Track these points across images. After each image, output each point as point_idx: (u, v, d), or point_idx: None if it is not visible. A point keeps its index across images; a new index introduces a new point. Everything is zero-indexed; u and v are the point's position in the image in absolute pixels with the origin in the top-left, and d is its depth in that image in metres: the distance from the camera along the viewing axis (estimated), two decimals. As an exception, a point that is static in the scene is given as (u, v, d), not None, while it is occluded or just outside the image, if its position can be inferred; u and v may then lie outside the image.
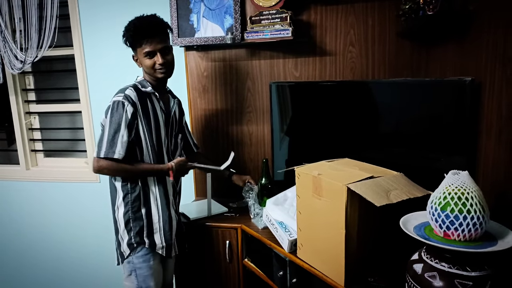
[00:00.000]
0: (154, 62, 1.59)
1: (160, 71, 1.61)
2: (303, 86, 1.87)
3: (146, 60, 1.59)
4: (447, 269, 0.96)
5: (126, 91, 1.57)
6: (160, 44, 1.59)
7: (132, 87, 1.60)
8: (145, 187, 1.63)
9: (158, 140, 1.65)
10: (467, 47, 1.52)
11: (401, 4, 1.61)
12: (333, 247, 1.26)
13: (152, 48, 1.57)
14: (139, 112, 1.57)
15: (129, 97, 1.55)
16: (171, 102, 1.77)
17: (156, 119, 1.63)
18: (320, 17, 1.87)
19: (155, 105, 1.64)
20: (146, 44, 1.57)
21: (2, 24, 2.26)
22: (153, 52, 1.58)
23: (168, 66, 1.62)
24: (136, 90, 1.59)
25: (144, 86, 1.63)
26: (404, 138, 1.54)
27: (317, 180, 1.29)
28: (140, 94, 1.60)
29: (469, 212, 0.94)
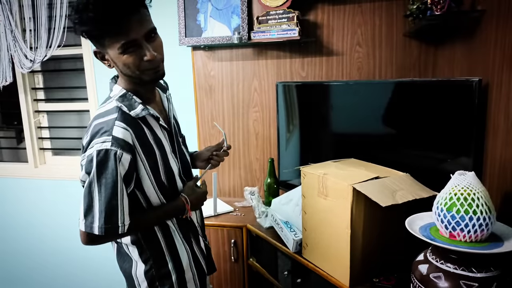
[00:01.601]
0: (140, 59, 1.02)
1: (151, 70, 1.06)
2: (310, 86, 1.87)
3: (125, 58, 1.01)
4: (452, 270, 0.96)
5: (114, 130, 1.02)
6: (144, 27, 1.01)
7: (118, 118, 1.05)
8: (165, 231, 1.19)
9: (168, 171, 1.17)
10: (475, 47, 1.51)
11: (408, 4, 1.60)
12: (338, 247, 1.26)
13: (132, 35, 0.99)
14: (138, 153, 1.06)
15: (120, 140, 1.01)
16: (164, 102, 1.25)
17: (160, 147, 1.14)
18: (327, 17, 1.87)
19: (155, 129, 1.14)
20: (120, 32, 0.98)
21: (12, 24, 2.29)
22: (134, 43, 1.00)
23: (160, 58, 1.08)
24: (125, 121, 1.05)
25: (132, 107, 1.08)
26: (410, 138, 1.53)
27: (322, 180, 1.29)
28: (133, 124, 1.07)
29: (475, 213, 0.94)
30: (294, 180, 1.93)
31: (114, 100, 1.09)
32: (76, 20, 0.98)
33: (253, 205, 1.91)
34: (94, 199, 1.02)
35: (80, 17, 0.97)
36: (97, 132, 1.03)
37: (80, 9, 0.96)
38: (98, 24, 0.97)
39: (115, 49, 1.00)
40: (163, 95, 1.26)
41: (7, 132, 3.23)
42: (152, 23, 1.06)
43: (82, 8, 0.96)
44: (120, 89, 1.11)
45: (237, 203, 2.08)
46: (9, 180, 2.72)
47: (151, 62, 1.03)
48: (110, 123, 1.04)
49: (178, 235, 1.21)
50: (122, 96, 1.10)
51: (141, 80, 1.07)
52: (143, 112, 1.09)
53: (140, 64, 1.03)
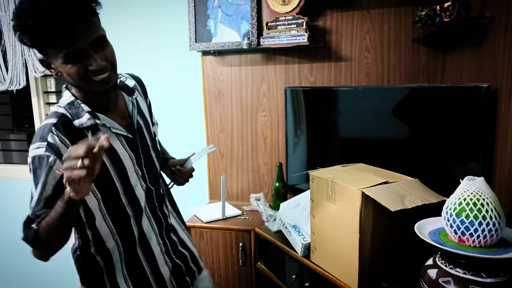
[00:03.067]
0: (85, 69, 0.95)
1: (99, 81, 0.97)
2: (318, 91, 1.89)
3: (70, 68, 0.94)
4: (462, 275, 0.96)
5: (49, 136, 0.97)
6: (91, 35, 0.93)
7: (57, 125, 0.98)
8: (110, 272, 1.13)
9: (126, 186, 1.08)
10: (484, 53, 1.52)
11: (417, 11, 1.61)
12: (347, 251, 1.27)
13: (77, 45, 0.91)
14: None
15: (54, 146, 0.96)
16: (128, 105, 1.15)
17: (116, 161, 1.05)
18: (336, 23, 1.89)
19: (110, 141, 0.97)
20: (64, 41, 0.90)
21: (26, 29, 2.34)
22: (79, 52, 0.92)
23: (110, 68, 0.99)
24: (65, 130, 0.99)
25: (78, 116, 1.01)
26: (419, 144, 1.54)
27: (331, 185, 1.30)
28: (74, 135, 0.98)
29: (485, 218, 0.94)
30: (301, 185, 1.94)
31: (60, 107, 1.04)
32: (15, 27, 0.90)
33: (260, 210, 1.93)
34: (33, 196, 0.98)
35: (20, 24, 0.89)
36: (35, 135, 1.00)
37: (20, 15, 0.88)
38: (39, 33, 0.89)
39: (58, 59, 0.93)
40: (128, 98, 1.16)
41: (18, 135, 3.29)
42: (101, 30, 0.98)
43: (23, 14, 0.87)
44: (69, 96, 1.05)
45: (245, 206, 2.10)
46: (19, 182, 2.76)
47: (97, 72, 0.96)
48: (47, 127, 0.98)
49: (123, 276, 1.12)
50: (69, 104, 1.03)
51: (89, 88, 1.00)
52: (88, 122, 1.01)
53: (85, 74, 0.95)
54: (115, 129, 1.07)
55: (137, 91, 1.22)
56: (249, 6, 1.98)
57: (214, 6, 2.05)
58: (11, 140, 3.20)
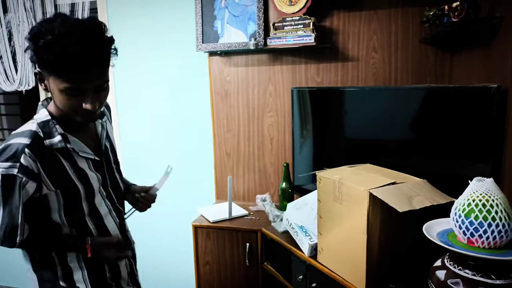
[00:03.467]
0: (78, 105, 0.99)
1: (85, 118, 1.03)
2: (325, 91, 1.89)
3: (64, 98, 0.98)
4: (470, 276, 0.96)
5: (22, 157, 0.98)
6: (98, 81, 0.99)
7: (30, 146, 0.99)
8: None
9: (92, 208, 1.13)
10: (493, 54, 1.51)
11: (425, 11, 1.61)
12: (354, 252, 1.27)
13: (82, 85, 0.96)
14: (46, 184, 1.03)
15: (26, 168, 0.98)
16: (98, 129, 1.20)
17: (84, 181, 1.10)
18: (343, 23, 1.89)
19: (78, 162, 1.09)
20: (71, 78, 0.94)
21: (35, 30, 2.36)
22: (81, 91, 0.97)
23: (100, 108, 1.05)
24: (36, 150, 1.00)
25: (50, 135, 1.04)
26: (427, 144, 1.53)
27: (338, 185, 1.30)
28: (45, 155, 1.02)
29: (494, 220, 0.94)
30: (308, 185, 1.94)
31: (34, 123, 1.05)
32: (31, 46, 0.92)
33: (266, 211, 1.93)
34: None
35: (38, 57, 0.92)
36: (5, 152, 0.99)
37: (40, 48, 0.90)
38: (53, 68, 0.92)
39: (57, 86, 0.96)
40: (98, 121, 1.20)
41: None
42: (107, 75, 1.02)
43: (43, 47, 0.89)
44: (46, 114, 1.06)
45: (252, 207, 2.10)
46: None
47: (89, 112, 1.01)
48: (20, 147, 0.99)
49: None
50: (44, 122, 1.05)
51: (71, 118, 1.04)
52: (59, 144, 1.04)
53: (77, 108, 1.00)
54: (83, 152, 1.11)
55: (106, 115, 1.27)
56: (256, 6, 1.99)
57: (221, 7, 2.06)
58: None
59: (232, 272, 1.93)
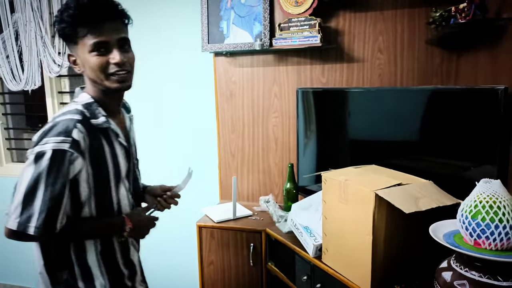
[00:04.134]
0: (107, 62, 1.04)
1: (117, 77, 1.06)
2: (330, 92, 1.89)
3: (94, 58, 1.03)
4: (477, 278, 0.95)
5: (74, 132, 1.00)
6: (118, 33, 1.05)
7: (79, 121, 1.03)
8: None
9: (117, 190, 1.16)
10: (499, 55, 1.50)
11: (431, 12, 1.61)
12: (360, 253, 1.26)
13: (104, 37, 1.02)
14: (86, 163, 1.04)
15: (78, 144, 1.00)
16: (127, 121, 1.25)
17: (115, 164, 1.13)
18: (349, 24, 1.89)
19: (114, 144, 1.13)
20: (94, 31, 1.02)
21: (42, 30, 2.38)
22: (105, 45, 1.03)
23: (129, 69, 1.09)
24: (85, 127, 1.03)
25: (95, 116, 1.08)
26: (433, 146, 1.53)
27: (344, 186, 1.30)
28: (92, 134, 1.05)
29: (501, 221, 0.93)
30: (312, 186, 1.93)
31: (78, 104, 1.09)
32: (56, 18, 1.05)
33: (270, 212, 1.93)
34: (37, 197, 0.97)
35: (60, 15, 1.04)
36: (56, 128, 1.00)
37: (61, 10, 1.04)
38: (74, 22, 1.02)
39: (86, 49, 1.04)
40: (126, 115, 1.27)
41: (31, 134, 3.34)
42: (127, 34, 1.11)
43: (63, 8, 1.03)
44: (88, 97, 1.11)
45: (256, 207, 2.10)
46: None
47: (118, 66, 1.05)
48: (71, 123, 1.01)
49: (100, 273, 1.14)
50: (87, 104, 1.09)
51: (105, 87, 1.08)
52: (104, 124, 1.09)
53: (106, 67, 1.05)
54: (121, 138, 1.16)
55: (131, 113, 1.33)
56: (262, 7, 1.99)
57: (227, 7, 2.06)
58: (24, 139, 3.25)
59: (236, 272, 1.94)
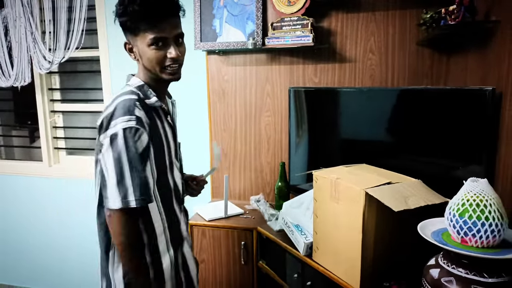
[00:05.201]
0: (164, 56, 1.13)
1: (170, 70, 1.16)
2: (322, 92, 1.90)
3: (152, 52, 1.12)
4: (464, 275, 0.97)
5: (136, 110, 1.09)
6: (176, 29, 1.14)
7: (137, 100, 1.12)
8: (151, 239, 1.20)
9: (170, 165, 1.24)
10: (488, 57, 1.53)
11: (422, 14, 1.63)
12: (350, 251, 1.28)
13: (164, 34, 1.11)
14: (149, 135, 1.13)
15: (141, 119, 1.09)
16: (169, 105, 1.34)
17: (167, 141, 1.23)
18: (341, 24, 1.90)
19: (164, 123, 1.23)
20: (156, 27, 1.10)
21: (33, 26, 2.35)
22: (164, 40, 1.12)
23: (181, 63, 1.19)
24: (141, 106, 1.12)
25: (147, 97, 1.17)
26: (422, 145, 1.55)
27: (335, 184, 1.32)
28: (147, 112, 1.14)
29: (487, 219, 0.95)
30: (304, 184, 1.95)
31: (132, 87, 1.18)
32: (119, 9, 1.11)
33: (261, 211, 1.94)
34: (125, 174, 1.05)
35: (125, 8, 1.09)
36: (118, 109, 1.09)
37: (126, 3, 1.09)
38: (139, 18, 1.09)
39: (145, 42, 1.11)
40: (169, 100, 1.35)
41: (20, 131, 3.30)
42: (182, 29, 1.18)
43: (128, 2, 1.08)
44: (138, 80, 1.20)
45: (248, 206, 2.11)
46: (22, 178, 2.77)
47: (173, 60, 1.14)
48: (131, 103, 1.10)
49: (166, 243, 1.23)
50: (139, 87, 1.19)
51: (158, 77, 1.17)
52: (156, 104, 1.18)
53: (163, 60, 1.14)
54: (169, 118, 1.26)
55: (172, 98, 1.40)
56: (255, 6, 1.99)
57: (220, 6, 2.06)
58: (13, 136, 3.21)
59: (227, 270, 1.94)
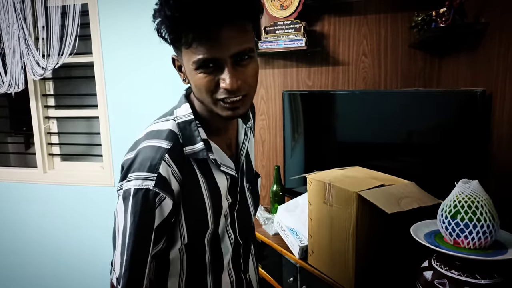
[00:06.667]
0: (217, 84, 0.75)
1: (228, 104, 0.77)
2: (316, 95, 1.91)
3: (198, 76, 0.76)
4: (457, 277, 0.97)
5: (161, 165, 0.77)
6: (234, 46, 0.73)
7: (171, 151, 0.79)
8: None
9: (215, 237, 0.90)
10: (479, 58, 1.54)
11: (413, 16, 1.64)
12: (344, 253, 1.28)
13: (214, 53, 0.73)
14: (183, 198, 0.82)
15: (165, 180, 0.78)
16: (240, 135, 0.96)
17: (215, 199, 0.87)
18: (334, 27, 1.91)
19: (214, 174, 0.87)
20: (201, 42, 0.72)
21: (26, 32, 2.35)
22: (215, 62, 0.74)
23: (245, 93, 0.78)
24: (178, 157, 0.80)
25: (191, 141, 0.83)
26: (415, 147, 1.55)
27: (328, 187, 1.32)
28: (185, 163, 0.82)
29: (479, 220, 0.96)
30: (299, 188, 1.95)
31: (174, 122, 0.85)
32: (155, 14, 0.77)
33: (256, 215, 1.93)
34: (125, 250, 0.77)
35: (159, 12, 0.75)
36: (139, 158, 0.80)
37: (160, 3, 0.75)
38: (174, 25, 0.73)
39: (190, 62, 0.75)
40: (242, 126, 0.96)
41: (15, 137, 3.29)
42: (250, 42, 0.76)
43: (162, 2, 0.74)
44: (189, 112, 0.85)
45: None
46: (17, 185, 2.76)
47: (228, 92, 0.75)
48: (158, 154, 0.78)
49: None
50: (185, 123, 0.84)
51: (213, 111, 0.80)
52: (200, 154, 0.83)
53: (214, 90, 0.76)
54: (225, 167, 0.88)
55: (251, 119, 1.00)
56: (248, 10, 1.99)
57: (213, 10, 2.06)
58: (8, 143, 3.20)
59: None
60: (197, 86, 0.78)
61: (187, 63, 0.77)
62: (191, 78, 0.79)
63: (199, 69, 0.75)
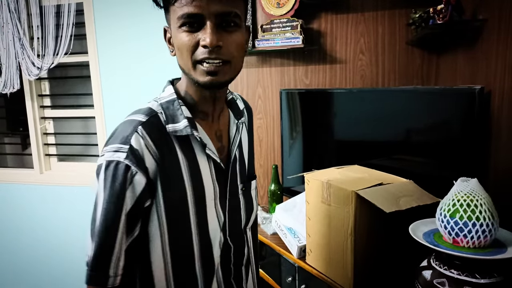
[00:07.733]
0: (197, 42, 0.74)
1: (206, 66, 0.75)
2: (313, 93, 1.89)
3: (182, 36, 0.75)
4: (456, 276, 0.96)
5: (133, 137, 0.75)
6: (219, 5, 0.73)
7: (146, 124, 0.77)
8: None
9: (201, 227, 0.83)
10: (477, 55, 1.53)
11: (411, 13, 1.63)
12: (342, 253, 1.27)
13: (196, 8, 0.72)
14: (161, 178, 0.77)
15: (137, 153, 0.74)
16: (231, 130, 0.92)
17: (197, 187, 0.82)
18: (331, 25, 1.90)
19: (198, 158, 0.82)
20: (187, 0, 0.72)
21: (20, 32, 2.33)
22: (198, 19, 0.73)
23: (226, 58, 0.75)
24: (155, 132, 0.78)
25: (174, 119, 0.80)
26: (413, 145, 1.55)
27: (326, 186, 1.31)
28: (164, 142, 0.78)
29: (478, 219, 0.95)
30: (297, 187, 1.94)
31: (157, 102, 0.84)
32: None
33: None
34: (96, 220, 0.75)
35: None
36: (115, 133, 0.78)
37: None
38: None
39: (175, 22, 0.75)
40: (233, 120, 0.93)
41: (12, 138, 3.27)
42: (237, 7, 0.75)
43: None
44: (171, 92, 0.84)
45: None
46: (14, 186, 2.74)
47: (208, 52, 0.73)
48: (132, 125, 0.77)
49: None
50: (168, 102, 0.83)
51: (193, 80, 0.78)
52: (184, 131, 0.79)
53: (194, 50, 0.74)
54: (209, 150, 0.83)
55: (244, 117, 0.99)
56: (244, 8, 1.98)
57: (209, 8, 2.04)
58: (5, 144, 3.18)
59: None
60: (179, 48, 0.76)
61: (174, 24, 0.76)
62: (176, 43, 0.77)
63: (182, 26, 0.74)
